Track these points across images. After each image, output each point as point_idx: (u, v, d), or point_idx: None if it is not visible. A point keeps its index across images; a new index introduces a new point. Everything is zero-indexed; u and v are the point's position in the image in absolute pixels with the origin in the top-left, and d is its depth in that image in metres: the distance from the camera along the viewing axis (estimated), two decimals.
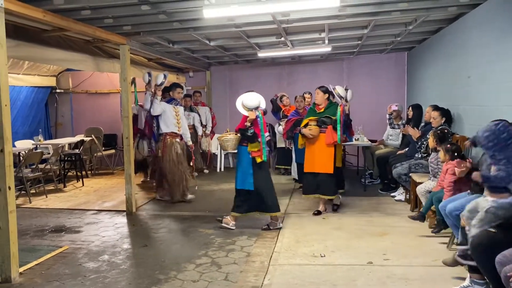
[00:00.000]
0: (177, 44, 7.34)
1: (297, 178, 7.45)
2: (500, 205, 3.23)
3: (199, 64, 9.78)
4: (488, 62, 4.93)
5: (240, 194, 5.18)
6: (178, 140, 6.70)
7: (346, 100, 5.83)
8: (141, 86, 7.84)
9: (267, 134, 5.18)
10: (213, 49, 7.84)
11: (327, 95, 5.85)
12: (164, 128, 6.62)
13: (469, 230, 3.35)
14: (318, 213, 5.79)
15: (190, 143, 7.04)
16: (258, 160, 5.06)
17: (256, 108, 5.09)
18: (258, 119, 5.06)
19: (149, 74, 6.74)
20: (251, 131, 4.97)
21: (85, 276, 3.95)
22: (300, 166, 6.40)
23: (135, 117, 7.77)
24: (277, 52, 8.24)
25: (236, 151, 5.31)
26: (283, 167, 8.83)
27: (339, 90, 5.85)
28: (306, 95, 7.59)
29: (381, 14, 5.51)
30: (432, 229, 4.85)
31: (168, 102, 6.74)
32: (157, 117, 6.62)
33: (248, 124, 5.00)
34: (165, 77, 6.60)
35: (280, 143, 8.38)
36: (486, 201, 3.37)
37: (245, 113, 5.07)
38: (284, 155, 8.49)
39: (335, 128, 5.61)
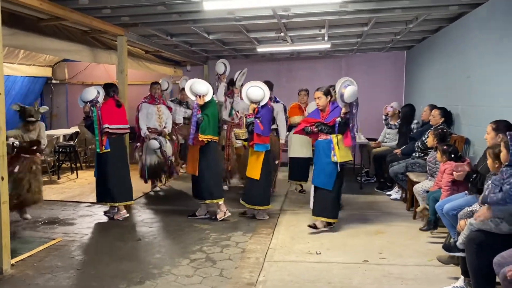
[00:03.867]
0: (176, 37, 7.27)
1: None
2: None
3: (197, 58, 9.71)
4: (488, 62, 4.91)
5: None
6: None
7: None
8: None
9: (105, 125, 5.25)
10: (211, 42, 7.78)
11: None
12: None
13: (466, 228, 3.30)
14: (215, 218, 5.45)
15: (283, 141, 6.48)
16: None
17: None
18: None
19: (225, 65, 6.41)
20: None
21: (77, 269, 3.91)
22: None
23: None
24: (276, 48, 8.18)
25: None
26: (298, 182, 7.00)
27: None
28: (303, 92, 6.91)
29: (382, 12, 5.47)
30: (421, 228, 4.87)
31: None
32: None
33: None
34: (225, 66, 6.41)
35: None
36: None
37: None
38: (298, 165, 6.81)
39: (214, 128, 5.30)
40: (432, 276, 3.70)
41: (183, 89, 7.85)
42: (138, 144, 6.82)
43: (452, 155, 4.49)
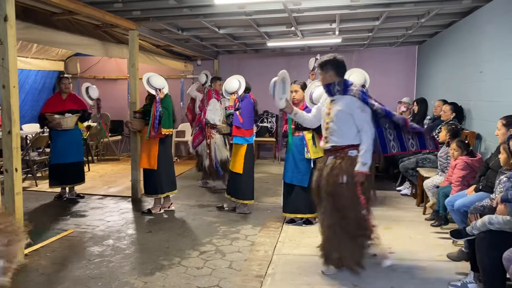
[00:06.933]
0: (186, 31, 7.29)
1: None
2: None
3: (207, 53, 9.73)
4: (502, 56, 4.84)
5: None
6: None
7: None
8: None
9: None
10: (222, 37, 7.79)
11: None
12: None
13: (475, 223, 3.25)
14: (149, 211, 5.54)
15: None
16: None
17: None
18: None
19: (316, 59, 6.11)
20: None
21: (89, 259, 3.97)
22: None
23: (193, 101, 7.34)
24: (287, 42, 8.16)
25: None
26: None
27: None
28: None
29: (393, 6, 5.43)
30: (432, 223, 4.85)
31: None
32: None
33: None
34: (316, 61, 6.08)
35: None
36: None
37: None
38: None
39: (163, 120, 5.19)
40: (441, 271, 3.68)
41: (205, 83, 7.56)
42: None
43: (465, 150, 4.47)
